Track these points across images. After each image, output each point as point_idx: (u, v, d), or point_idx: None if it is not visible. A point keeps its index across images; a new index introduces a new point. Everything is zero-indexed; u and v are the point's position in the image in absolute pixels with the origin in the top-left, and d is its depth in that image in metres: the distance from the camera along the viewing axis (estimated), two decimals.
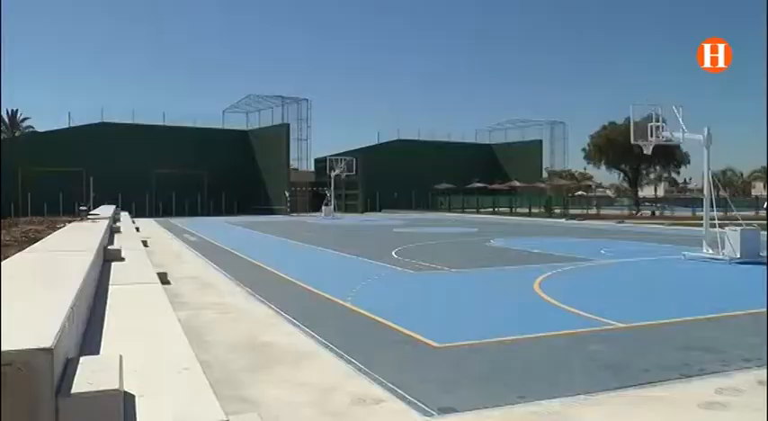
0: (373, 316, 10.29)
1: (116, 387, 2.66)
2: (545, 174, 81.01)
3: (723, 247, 18.36)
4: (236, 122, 71.08)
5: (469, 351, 8.03)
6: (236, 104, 71.02)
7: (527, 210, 57.05)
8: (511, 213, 57.67)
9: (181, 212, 59.05)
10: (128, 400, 2.79)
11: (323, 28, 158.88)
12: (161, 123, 63.27)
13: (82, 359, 3.05)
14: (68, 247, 8.37)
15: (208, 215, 58.81)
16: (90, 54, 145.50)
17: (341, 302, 11.60)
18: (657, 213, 53.58)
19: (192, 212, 60.14)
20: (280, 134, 64.47)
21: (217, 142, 66.15)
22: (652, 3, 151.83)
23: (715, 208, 19.27)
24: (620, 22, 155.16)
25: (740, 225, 19.10)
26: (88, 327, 4.68)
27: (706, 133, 19.39)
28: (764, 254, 18.20)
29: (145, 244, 21.64)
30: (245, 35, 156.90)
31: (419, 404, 5.88)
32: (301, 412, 5.74)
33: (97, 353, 3.78)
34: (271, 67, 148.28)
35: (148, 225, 37.29)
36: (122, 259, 8.99)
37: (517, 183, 71.11)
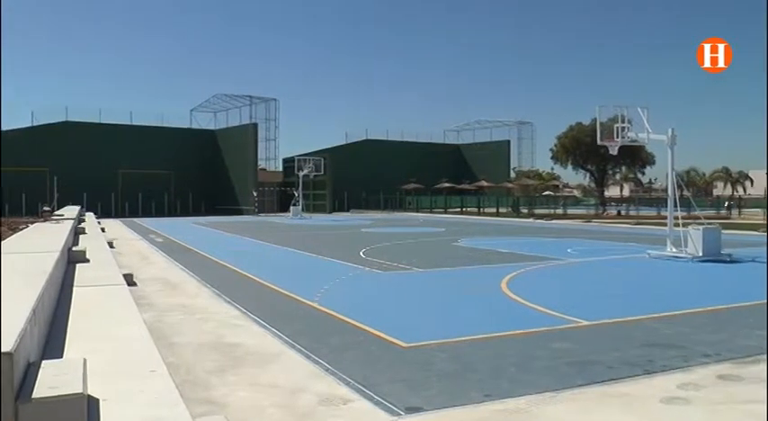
0: (341, 316, 10.29)
1: (79, 391, 2.63)
2: (512, 175, 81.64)
3: (686, 246, 18.69)
4: (204, 122, 70.64)
5: (437, 350, 8.06)
6: (204, 104, 70.51)
7: (495, 210, 57.41)
8: (479, 213, 57.96)
9: (147, 213, 58.41)
10: (92, 405, 2.76)
11: (291, 28, 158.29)
12: (128, 123, 62.46)
13: (44, 363, 3.01)
14: (31, 249, 8.25)
15: (175, 215, 58.19)
16: (53, 52, 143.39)
17: (308, 302, 11.57)
18: (623, 213, 54.29)
19: (159, 213, 59.51)
20: (247, 134, 64.09)
21: (184, 142, 65.57)
22: (619, 5, 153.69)
23: (678, 207, 19.61)
24: (586, 23, 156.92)
25: (702, 224, 19.48)
26: (51, 330, 4.63)
27: (670, 134, 19.71)
28: (725, 251, 18.60)
29: (111, 245, 21.37)
30: (214, 34, 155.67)
31: (386, 403, 5.90)
32: (268, 413, 5.73)
33: (60, 356, 3.73)
34: (239, 67, 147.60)
35: (114, 226, 36.83)
36: (87, 260, 8.89)
37: (485, 184, 71.54)
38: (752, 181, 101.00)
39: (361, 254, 20.77)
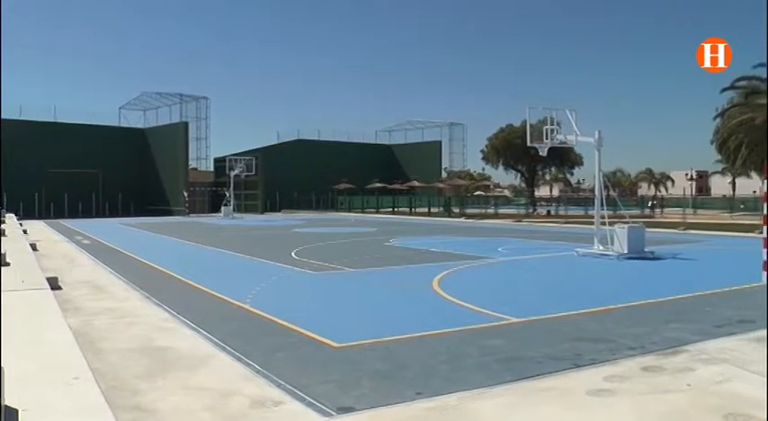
0: (272, 317, 10.21)
1: None
2: (444, 175, 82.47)
3: (612, 244, 19.25)
4: (134, 120, 69.11)
5: (369, 350, 8.07)
6: (133, 101, 68.98)
7: (426, 210, 57.94)
8: (411, 213, 58.41)
9: (74, 214, 56.70)
10: (9, 417, 2.67)
11: (221, 24, 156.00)
12: (52, 120, 60.45)
13: None
14: None
15: (103, 216, 56.74)
16: None
17: (239, 304, 11.44)
18: (552, 212, 55.47)
19: (86, 214, 57.88)
20: (178, 133, 63.00)
21: (112, 140, 63.97)
22: (553, 6, 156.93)
23: (605, 207, 20.18)
24: (518, 25, 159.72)
25: (627, 223, 20.12)
26: None
27: (597, 136, 20.26)
28: (648, 249, 19.25)
29: (33, 247, 20.74)
30: (142, 30, 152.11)
31: (318, 404, 5.88)
32: (199, 417, 5.63)
33: None
34: (169, 65, 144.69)
35: (38, 227, 35.70)
36: (7, 264, 8.61)
37: (416, 184, 72.06)
38: (673, 181, 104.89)
39: (292, 254, 20.66)
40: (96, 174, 61.31)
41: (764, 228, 14.03)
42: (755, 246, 15.02)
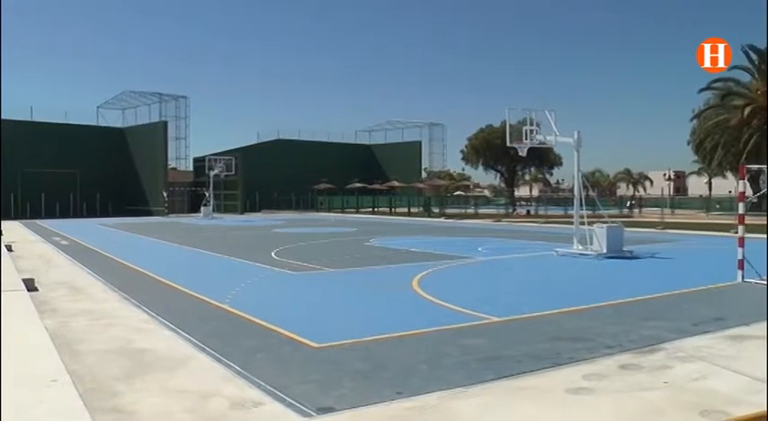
0: (252, 317, 10.17)
1: None
2: (424, 175, 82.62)
3: (591, 243, 19.39)
4: (112, 119, 68.44)
5: (349, 350, 8.07)
6: (112, 100, 68.31)
7: (406, 210, 58.03)
8: (390, 213, 58.46)
9: (51, 214, 56.09)
10: None
11: (200, 23, 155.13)
12: (28, 119, 59.69)
13: None
14: None
15: (81, 217, 56.17)
16: None
17: (219, 305, 11.38)
18: (532, 212, 55.75)
19: (64, 214, 57.26)
20: (157, 132, 62.51)
21: (90, 140, 63.20)
22: (533, 6, 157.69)
23: (584, 207, 20.32)
24: (497, 26, 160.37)
25: (606, 223, 20.29)
26: None
27: (576, 137, 20.40)
28: (627, 248, 19.41)
29: (9, 248, 20.53)
30: (121, 28, 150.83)
31: (298, 405, 5.87)
32: (178, 419, 5.60)
33: None
34: (148, 63, 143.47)
35: (14, 228, 35.29)
36: None
37: (396, 184, 72.12)
38: (651, 181, 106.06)
39: (272, 254, 20.61)
40: (74, 174, 60.69)
41: (739, 227, 14.24)
42: (731, 245, 15.19)
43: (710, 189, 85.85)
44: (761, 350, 7.80)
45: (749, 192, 17.06)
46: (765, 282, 12.89)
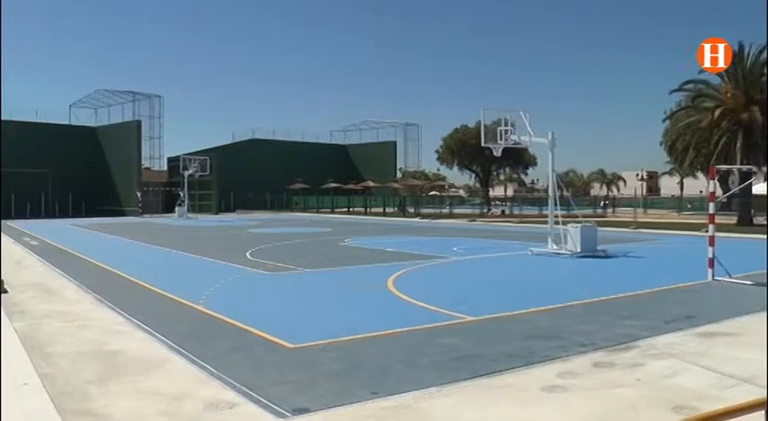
0: (227, 318, 10.11)
1: None
2: (399, 175, 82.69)
3: (565, 243, 19.55)
4: (84, 118, 67.68)
5: (324, 350, 8.06)
6: (84, 99, 67.60)
7: (381, 210, 58.08)
8: (365, 213, 58.48)
9: (21, 215, 55.28)
10: None
11: (176, 23, 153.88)
12: None
13: None
14: None
15: (52, 217, 55.49)
16: None
17: (193, 305, 11.32)
18: (507, 212, 56.02)
19: (35, 214, 56.53)
20: (130, 131, 62.00)
21: (62, 139, 62.47)
22: (507, 8, 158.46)
23: (559, 207, 20.49)
24: (471, 26, 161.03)
25: (580, 222, 20.47)
26: None
27: (551, 137, 20.56)
28: (601, 247, 19.60)
29: None
30: (94, 26, 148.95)
31: (273, 406, 5.85)
32: None
33: None
34: (122, 62, 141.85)
35: None
36: None
37: (371, 184, 72.11)
38: (624, 181, 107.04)
39: (247, 255, 20.52)
40: (45, 174, 59.86)
41: (710, 226, 14.45)
42: (702, 244, 15.41)
43: (682, 189, 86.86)
44: (730, 347, 7.95)
45: (719, 192, 17.30)
46: (733, 280, 13.16)
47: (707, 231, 14.79)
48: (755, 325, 9.39)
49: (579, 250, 19.08)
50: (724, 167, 21.65)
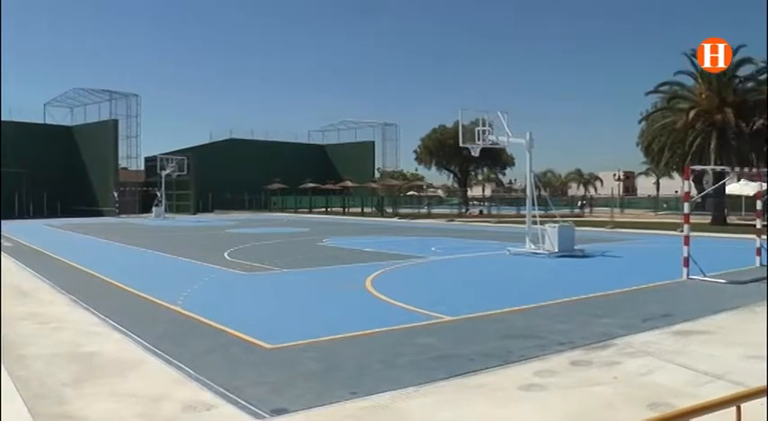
0: (205, 319, 10.05)
1: None
2: (377, 175, 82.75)
3: (543, 242, 19.66)
4: (60, 117, 66.92)
5: (302, 350, 8.04)
6: (59, 98, 66.81)
7: (360, 210, 58.09)
8: (344, 213, 58.50)
9: None
10: None
11: (152, 21, 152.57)
12: None
13: None
14: None
15: (27, 218, 54.84)
16: None
17: (171, 306, 11.23)
18: (485, 212, 56.26)
19: (8, 214, 55.54)
20: (107, 130, 61.43)
21: (37, 138, 61.65)
22: (484, 9, 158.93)
23: (536, 206, 20.60)
24: (448, 26, 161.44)
25: (557, 222, 20.61)
26: None
27: (528, 137, 20.68)
28: (578, 247, 19.74)
29: None
30: (70, 23, 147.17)
31: (251, 407, 5.82)
32: None
33: None
34: (98, 61, 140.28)
35: None
36: None
37: (349, 184, 72.10)
38: (601, 181, 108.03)
39: (225, 255, 20.42)
40: (20, 174, 58.98)
41: (685, 226, 14.62)
42: (677, 243, 15.59)
43: (658, 189, 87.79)
44: (705, 344, 8.06)
45: (694, 192, 17.52)
46: (707, 279, 13.36)
47: (682, 231, 14.96)
48: (729, 323, 9.55)
49: (557, 250, 19.20)
50: (698, 168, 21.93)
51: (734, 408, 2.98)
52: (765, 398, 3.09)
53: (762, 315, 10.13)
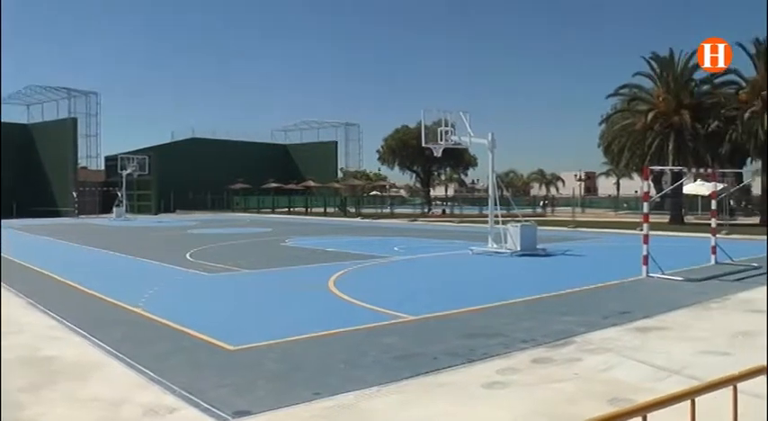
0: (166, 321, 9.94)
1: None
2: (340, 175, 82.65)
3: (506, 242, 19.84)
4: (16, 115, 65.41)
5: (265, 351, 8.00)
6: (15, 94, 65.28)
7: (322, 210, 57.99)
8: (306, 213, 58.35)
9: None
10: None
11: (113, 18, 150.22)
12: None
13: None
14: None
15: None
16: None
17: (132, 309, 11.08)
18: (448, 212, 56.51)
19: None
20: (66, 129, 60.24)
21: None
22: (448, 10, 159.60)
23: (499, 206, 20.78)
24: (412, 27, 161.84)
25: (520, 222, 20.82)
26: None
27: (490, 138, 20.86)
28: (540, 246, 19.96)
29: None
30: (28, 18, 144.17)
31: (214, 410, 5.77)
32: None
33: None
34: (56, 57, 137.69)
35: None
36: None
37: (312, 184, 71.92)
38: (563, 182, 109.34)
39: (187, 256, 20.21)
40: None
41: (644, 225, 14.90)
42: (637, 242, 15.86)
43: (619, 189, 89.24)
44: (663, 340, 8.23)
45: (653, 192, 17.81)
46: (666, 277, 13.64)
47: (642, 230, 15.24)
48: (686, 319, 9.76)
49: (519, 249, 19.39)
50: (657, 168, 22.34)
51: (689, 402, 3.05)
52: (723, 391, 3.17)
53: (716, 311, 10.44)
